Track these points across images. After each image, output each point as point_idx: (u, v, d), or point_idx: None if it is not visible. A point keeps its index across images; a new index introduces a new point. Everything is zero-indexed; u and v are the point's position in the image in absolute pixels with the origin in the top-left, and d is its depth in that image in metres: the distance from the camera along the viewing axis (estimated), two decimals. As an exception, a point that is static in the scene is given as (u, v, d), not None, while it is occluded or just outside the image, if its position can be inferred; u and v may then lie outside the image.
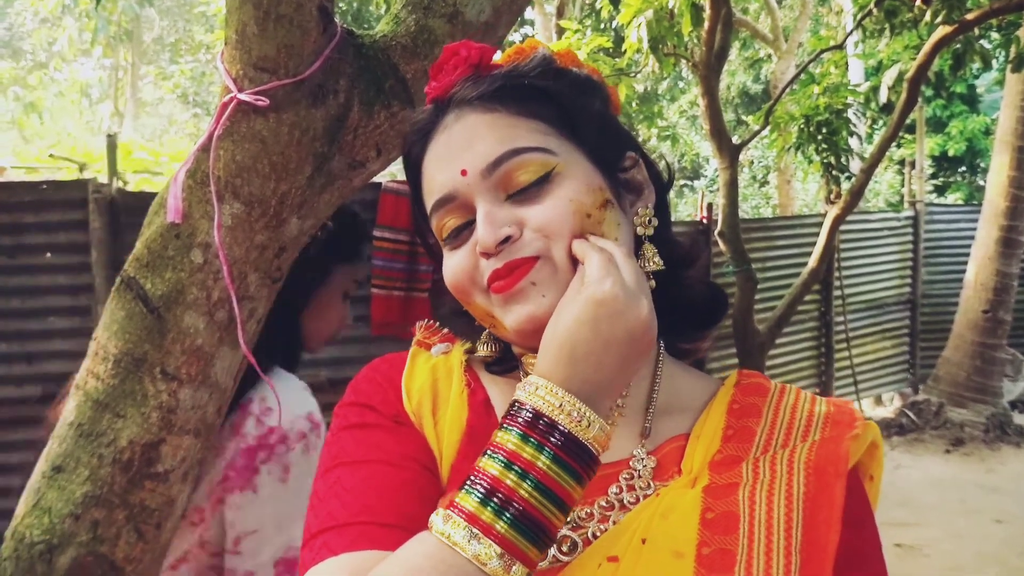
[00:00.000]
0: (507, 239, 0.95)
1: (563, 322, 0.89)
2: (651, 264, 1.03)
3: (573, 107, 1.03)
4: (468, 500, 0.83)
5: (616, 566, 0.90)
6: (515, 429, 0.85)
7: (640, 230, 1.04)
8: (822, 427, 1.00)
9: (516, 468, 0.83)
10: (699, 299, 1.10)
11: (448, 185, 0.99)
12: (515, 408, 0.87)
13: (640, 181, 1.07)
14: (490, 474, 0.84)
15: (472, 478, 0.85)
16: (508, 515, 0.82)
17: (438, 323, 1.22)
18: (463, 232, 1.00)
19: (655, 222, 1.05)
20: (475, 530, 0.81)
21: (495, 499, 0.82)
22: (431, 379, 1.09)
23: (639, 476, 1.00)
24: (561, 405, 0.86)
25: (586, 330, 0.87)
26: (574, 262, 0.95)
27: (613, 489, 0.99)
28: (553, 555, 0.94)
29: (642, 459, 1.01)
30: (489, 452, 0.85)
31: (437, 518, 0.84)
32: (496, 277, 0.96)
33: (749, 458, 0.97)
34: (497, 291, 0.97)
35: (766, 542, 0.88)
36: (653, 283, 1.02)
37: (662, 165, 1.12)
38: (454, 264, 1.01)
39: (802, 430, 1.00)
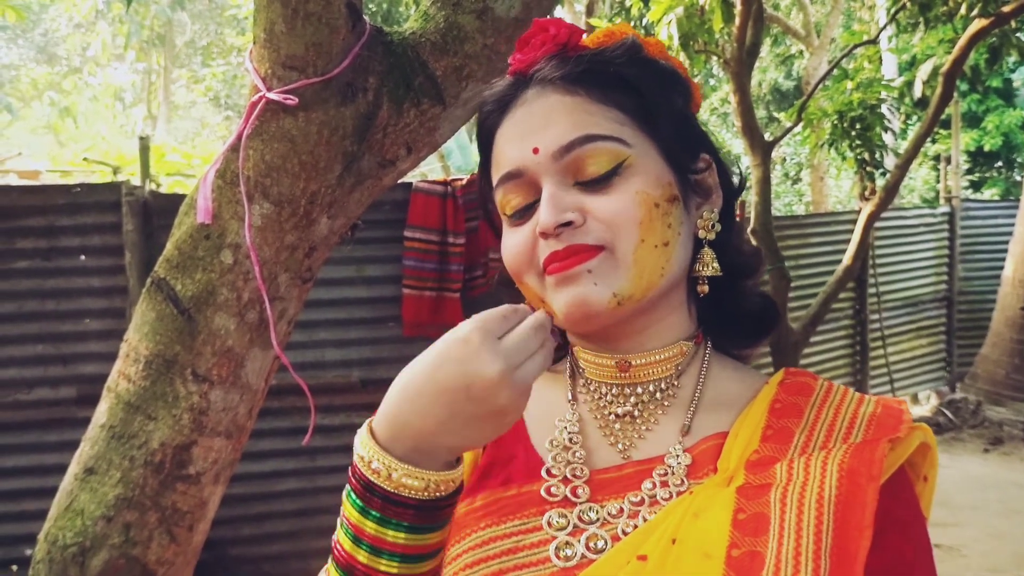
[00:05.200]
0: (568, 224, 0.95)
1: (419, 356, 0.86)
2: (709, 269, 1.03)
3: (654, 100, 1.01)
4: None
5: (644, 565, 0.89)
6: (348, 483, 0.87)
7: (702, 233, 1.03)
8: (865, 429, 0.97)
9: (349, 531, 0.86)
10: (751, 310, 1.10)
11: (518, 161, 0.99)
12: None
13: (710, 185, 1.06)
14: (337, 538, 0.88)
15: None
16: None
17: None
18: (526, 213, 1.00)
19: (718, 227, 1.04)
20: None
21: (342, 567, 0.87)
22: None
23: (673, 473, 0.98)
24: (370, 460, 0.84)
25: (428, 367, 0.84)
26: (637, 260, 0.95)
27: (646, 485, 0.98)
28: (582, 553, 0.94)
29: (677, 456, 1.00)
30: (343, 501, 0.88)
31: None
32: (554, 259, 0.96)
33: (785, 459, 0.95)
34: (551, 272, 0.97)
35: (795, 546, 0.86)
36: (706, 288, 1.03)
37: (734, 171, 1.11)
38: (513, 242, 1.01)
39: (843, 431, 0.98)
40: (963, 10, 6.21)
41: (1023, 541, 6.01)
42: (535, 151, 0.98)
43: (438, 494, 0.85)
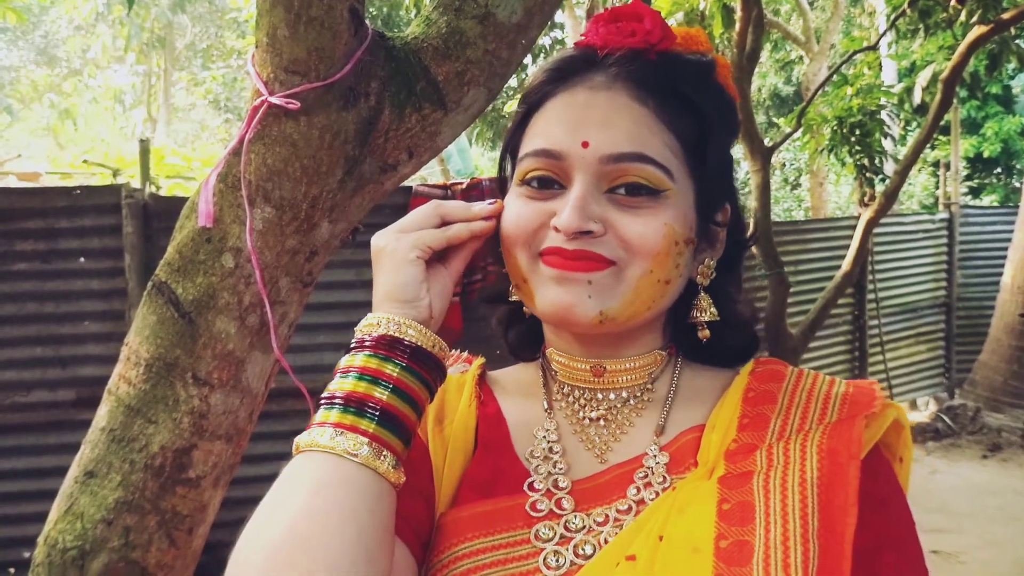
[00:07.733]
0: (588, 232, 0.95)
1: None
2: (706, 315, 1.04)
3: (713, 137, 1.01)
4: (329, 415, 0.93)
5: (633, 564, 0.89)
6: (360, 350, 0.98)
7: (700, 279, 1.04)
8: (839, 408, 0.98)
9: (367, 377, 0.94)
10: (732, 346, 1.10)
11: (563, 144, 0.98)
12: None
13: (721, 237, 1.07)
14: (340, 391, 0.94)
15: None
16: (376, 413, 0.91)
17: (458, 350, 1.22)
18: (543, 188, 0.99)
19: (714, 275, 1.05)
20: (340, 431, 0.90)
21: (354, 404, 0.92)
22: (439, 395, 1.08)
23: (653, 473, 0.99)
24: (378, 323, 1.01)
25: None
26: (637, 288, 0.96)
27: (631, 491, 0.98)
28: (571, 560, 0.94)
29: (655, 456, 1.00)
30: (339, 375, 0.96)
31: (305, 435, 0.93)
32: (560, 254, 0.96)
33: (764, 445, 0.95)
34: (550, 264, 0.97)
35: (782, 531, 0.86)
36: (707, 333, 1.05)
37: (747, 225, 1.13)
38: (520, 214, 1.01)
39: (818, 413, 0.98)
40: (963, 17, 6.22)
41: (1022, 548, 6.00)
42: (584, 144, 0.96)
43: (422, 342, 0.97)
